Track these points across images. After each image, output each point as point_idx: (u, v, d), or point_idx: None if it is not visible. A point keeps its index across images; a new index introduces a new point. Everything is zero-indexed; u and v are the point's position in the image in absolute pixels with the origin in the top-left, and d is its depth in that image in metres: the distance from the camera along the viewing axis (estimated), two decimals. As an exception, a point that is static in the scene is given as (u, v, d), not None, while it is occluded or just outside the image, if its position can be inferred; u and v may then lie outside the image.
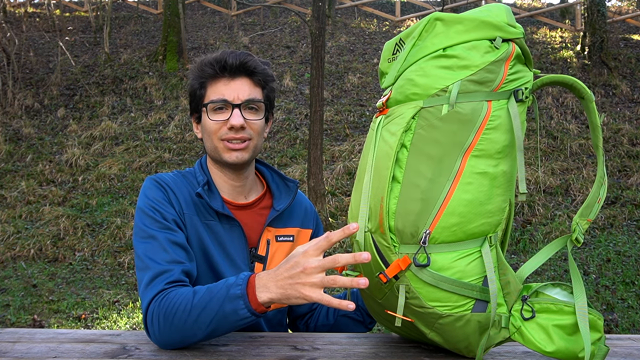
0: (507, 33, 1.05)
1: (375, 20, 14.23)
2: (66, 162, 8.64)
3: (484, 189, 1.02)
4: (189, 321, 1.10)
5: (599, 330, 1.01)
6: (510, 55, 1.04)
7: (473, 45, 1.04)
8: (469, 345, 1.07)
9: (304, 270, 1.01)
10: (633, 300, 5.07)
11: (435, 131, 1.02)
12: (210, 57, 1.36)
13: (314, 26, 6.89)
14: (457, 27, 1.05)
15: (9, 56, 10.92)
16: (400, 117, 1.05)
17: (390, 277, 1.01)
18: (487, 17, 1.05)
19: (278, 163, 8.30)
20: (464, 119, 1.01)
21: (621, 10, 16.48)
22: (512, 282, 1.05)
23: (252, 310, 1.06)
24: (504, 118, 1.03)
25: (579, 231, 1.04)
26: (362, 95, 10.18)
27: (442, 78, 1.03)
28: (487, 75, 1.02)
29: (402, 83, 1.07)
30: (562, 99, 9.71)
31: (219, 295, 1.09)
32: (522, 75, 1.06)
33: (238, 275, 1.11)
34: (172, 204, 1.31)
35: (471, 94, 1.02)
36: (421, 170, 1.02)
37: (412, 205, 1.01)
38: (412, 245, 1.02)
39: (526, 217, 6.91)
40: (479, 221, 1.02)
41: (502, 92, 1.03)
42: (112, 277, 5.98)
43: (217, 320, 1.08)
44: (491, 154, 1.02)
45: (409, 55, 1.08)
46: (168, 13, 11.61)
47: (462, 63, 1.02)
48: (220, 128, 1.34)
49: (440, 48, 1.05)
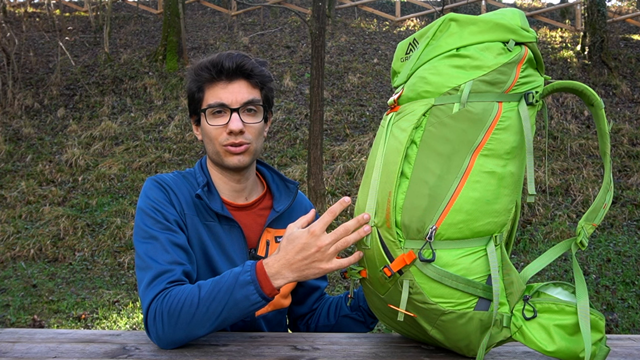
0: (520, 36, 1.06)
1: (375, 20, 14.23)
2: (66, 162, 8.64)
3: (492, 188, 1.03)
4: (197, 314, 1.11)
5: (600, 330, 1.01)
6: (522, 58, 1.05)
7: (486, 46, 1.05)
8: (469, 344, 1.07)
9: (318, 249, 1.08)
10: (633, 300, 5.07)
11: (445, 129, 1.03)
12: (206, 60, 1.36)
13: (314, 26, 6.89)
14: (471, 28, 1.06)
15: (9, 56, 10.92)
16: (411, 113, 1.06)
17: (394, 271, 1.02)
18: (501, 20, 1.06)
19: (278, 163, 8.30)
20: (474, 118, 1.02)
21: (621, 10, 16.49)
22: (515, 282, 1.05)
23: (264, 294, 1.10)
24: (514, 119, 1.04)
25: (583, 235, 1.04)
26: (362, 95, 10.18)
27: (455, 77, 1.04)
28: (499, 76, 1.03)
29: (414, 81, 1.08)
30: (562, 99, 9.71)
31: (228, 284, 1.11)
32: (533, 79, 1.07)
33: (243, 265, 1.14)
34: (173, 204, 1.31)
35: (482, 94, 1.03)
36: (430, 167, 1.03)
37: (420, 200, 1.02)
38: (418, 241, 1.02)
39: (526, 217, 6.91)
40: (485, 220, 1.03)
41: (513, 94, 1.04)
42: (112, 277, 5.98)
43: (228, 308, 1.11)
44: (500, 154, 1.03)
45: (422, 54, 1.09)
46: (168, 13, 11.61)
47: (474, 63, 1.04)
48: (221, 134, 1.33)
49: (453, 48, 1.06)
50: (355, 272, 1.14)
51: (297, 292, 1.51)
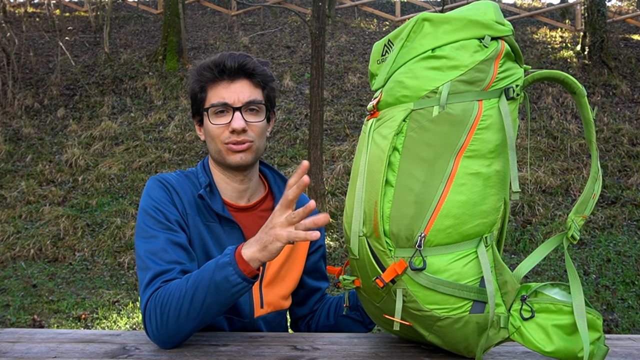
0: (495, 31, 1.04)
1: (375, 20, 14.23)
2: (66, 162, 8.64)
3: (478, 189, 1.02)
4: (184, 304, 1.12)
5: (598, 329, 1.01)
6: (499, 53, 1.04)
7: (462, 44, 1.03)
8: (468, 346, 1.07)
9: (271, 218, 1.12)
10: (633, 300, 5.07)
11: (426, 133, 1.01)
12: (208, 60, 1.36)
13: (314, 26, 6.89)
14: (445, 27, 1.04)
15: (9, 56, 10.92)
16: (391, 120, 1.04)
17: (386, 281, 1.01)
18: (475, 16, 1.04)
19: (278, 163, 8.30)
20: (455, 120, 1.01)
21: (621, 10, 16.48)
22: (509, 281, 1.04)
23: (242, 274, 1.11)
24: (495, 117, 1.02)
25: (574, 228, 1.03)
26: (362, 95, 10.17)
27: (432, 79, 1.02)
28: (477, 74, 1.02)
29: (391, 85, 1.07)
30: (562, 99, 9.71)
31: (209, 269, 1.13)
32: (513, 72, 1.06)
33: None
34: (175, 204, 1.32)
35: (461, 94, 1.01)
36: (414, 173, 1.01)
37: (406, 208, 1.01)
38: (408, 249, 1.01)
39: (526, 217, 6.91)
40: (474, 222, 1.02)
41: (492, 90, 1.03)
42: (112, 277, 5.98)
43: (211, 293, 1.12)
44: (484, 154, 1.02)
45: (397, 56, 1.07)
46: (168, 13, 11.61)
47: (451, 63, 1.02)
48: (223, 132, 1.34)
49: (428, 49, 1.04)
50: (348, 281, 1.13)
51: (297, 293, 1.51)
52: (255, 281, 1.14)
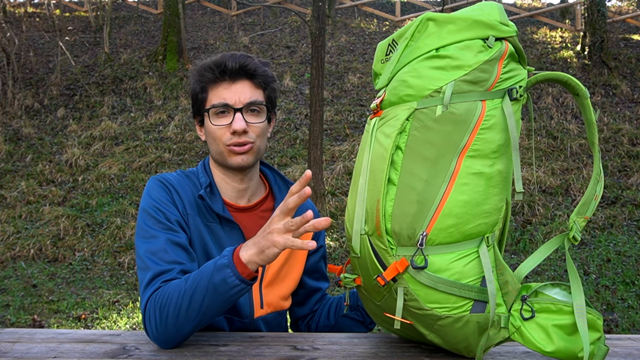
0: (499, 32, 1.04)
1: (375, 20, 14.23)
2: (66, 162, 8.64)
3: (480, 189, 1.02)
4: (183, 305, 1.12)
5: (598, 329, 1.01)
6: (503, 54, 1.04)
7: (466, 45, 1.04)
8: (468, 346, 1.07)
9: (270, 223, 1.12)
10: (633, 300, 5.07)
11: (429, 132, 1.02)
12: (209, 61, 1.36)
13: (314, 26, 6.89)
14: (449, 27, 1.05)
15: (9, 56, 10.92)
16: (394, 118, 1.04)
17: (387, 279, 1.01)
18: (479, 16, 1.05)
19: (278, 163, 8.30)
20: (458, 120, 1.01)
21: (621, 10, 16.48)
22: (510, 281, 1.04)
23: (240, 276, 1.11)
24: (498, 117, 1.03)
25: (576, 229, 1.04)
26: (362, 95, 10.17)
27: (436, 79, 1.02)
28: (480, 74, 1.02)
29: (395, 84, 1.07)
30: (562, 99, 9.71)
31: (207, 270, 1.13)
32: (516, 73, 1.06)
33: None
34: (176, 204, 1.32)
35: (465, 94, 1.02)
36: (416, 172, 1.02)
37: (408, 207, 1.01)
38: (409, 248, 1.02)
39: (526, 217, 6.91)
40: (476, 222, 1.02)
41: (496, 91, 1.03)
42: (112, 277, 5.98)
43: (210, 295, 1.12)
44: (486, 154, 1.02)
45: (401, 56, 1.08)
46: (168, 13, 11.61)
47: (455, 63, 1.02)
48: (224, 133, 1.33)
49: (433, 48, 1.05)
50: (349, 280, 1.13)
51: (297, 294, 1.51)
52: (254, 283, 1.14)
